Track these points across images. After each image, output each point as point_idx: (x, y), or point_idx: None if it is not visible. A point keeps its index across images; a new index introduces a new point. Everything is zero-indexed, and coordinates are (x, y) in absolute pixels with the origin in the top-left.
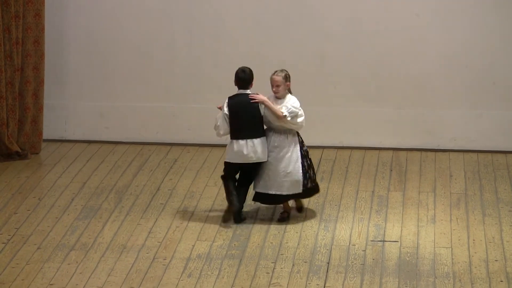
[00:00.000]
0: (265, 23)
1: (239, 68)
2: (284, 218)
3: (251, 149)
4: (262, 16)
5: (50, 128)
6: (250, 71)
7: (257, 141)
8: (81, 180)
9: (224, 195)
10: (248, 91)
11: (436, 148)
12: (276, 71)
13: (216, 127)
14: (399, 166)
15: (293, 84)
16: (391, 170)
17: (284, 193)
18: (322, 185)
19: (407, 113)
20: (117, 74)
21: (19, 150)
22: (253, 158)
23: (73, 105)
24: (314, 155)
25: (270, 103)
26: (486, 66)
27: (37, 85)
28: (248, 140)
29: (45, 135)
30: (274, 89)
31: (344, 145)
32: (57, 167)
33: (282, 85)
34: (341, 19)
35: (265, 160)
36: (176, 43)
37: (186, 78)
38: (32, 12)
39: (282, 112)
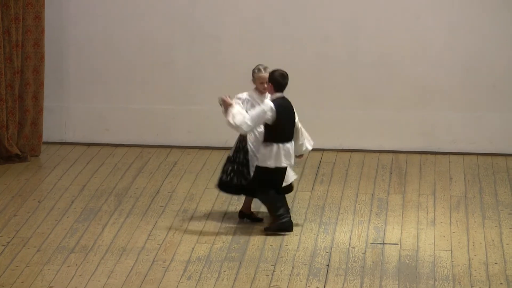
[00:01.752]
0: (265, 25)
1: (279, 72)
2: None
3: (292, 151)
4: (262, 18)
5: (50, 130)
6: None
7: (292, 144)
8: (81, 182)
9: (225, 197)
10: (283, 95)
11: (436, 150)
12: (262, 67)
13: (244, 121)
14: (399, 168)
15: (293, 86)
16: (391, 173)
17: None
18: (322, 188)
19: (407, 115)
20: (117, 76)
21: (19, 153)
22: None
23: (72, 107)
24: (314, 158)
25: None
26: (486, 69)
27: (37, 88)
28: (290, 144)
29: (45, 138)
30: (265, 88)
31: (344, 148)
32: (57, 170)
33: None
34: (341, 21)
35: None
36: (176, 45)
37: (186, 80)
38: (32, 15)
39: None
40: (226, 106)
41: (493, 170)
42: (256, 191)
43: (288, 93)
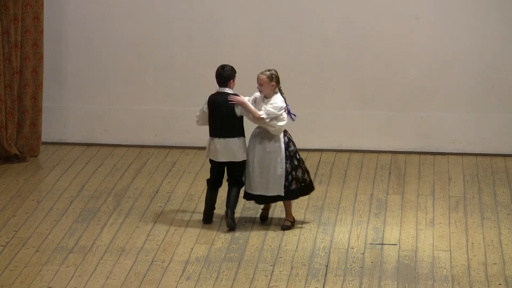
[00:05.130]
0: (263, 26)
1: (220, 65)
2: (287, 227)
3: (224, 148)
4: (261, 19)
5: (49, 130)
6: (231, 69)
7: (231, 141)
8: (80, 183)
9: (223, 198)
10: (226, 90)
11: (435, 151)
12: (263, 70)
13: (197, 116)
14: (398, 169)
15: (291, 87)
16: (390, 173)
17: (268, 194)
18: (320, 188)
19: (406, 116)
20: (116, 77)
21: (18, 153)
22: (226, 158)
23: (71, 108)
24: (313, 158)
25: (248, 104)
26: (485, 70)
27: (36, 88)
28: (222, 139)
29: (44, 138)
30: (258, 87)
31: (343, 148)
32: (56, 170)
33: (265, 84)
34: (339, 22)
35: (241, 159)
36: (175, 45)
37: (184, 80)
38: (31, 15)
39: (260, 114)
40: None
41: (492, 170)
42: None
43: (287, 93)
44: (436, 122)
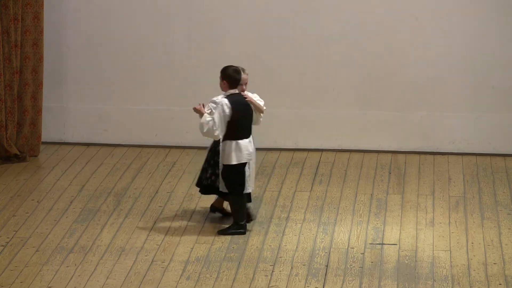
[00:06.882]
0: (264, 26)
1: (233, 68)
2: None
3: (251, 146)
4: (261, 19)
5: (49, 130)
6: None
7: (251, 139)
8: (80, 182)
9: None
10: (237, 91)
11: (435, 151)
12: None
13: (212, 130)
14: (398, 169)
15: (292, 87)
16: (390, 173)
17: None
18: (320, 188)
19: (406, 116)
20: (116, 76)
21: (18, 153)
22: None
23: (71, 107)
24: (313, 158)
25: (254, 100)
26: (485, 70)
27: (36, 88)
28: (248, 140)
29: (44, 138)
30: (241, 88)
31: (343, 148)
32: (56, 170)
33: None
34: (340, 22)
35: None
36: (175, 46)
37: (184, 80)
38: (31, 15)
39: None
40: (200, 115)
41: (492, 170)
42: (229, 191)
43: (287, 93)
44: (436, 122)
